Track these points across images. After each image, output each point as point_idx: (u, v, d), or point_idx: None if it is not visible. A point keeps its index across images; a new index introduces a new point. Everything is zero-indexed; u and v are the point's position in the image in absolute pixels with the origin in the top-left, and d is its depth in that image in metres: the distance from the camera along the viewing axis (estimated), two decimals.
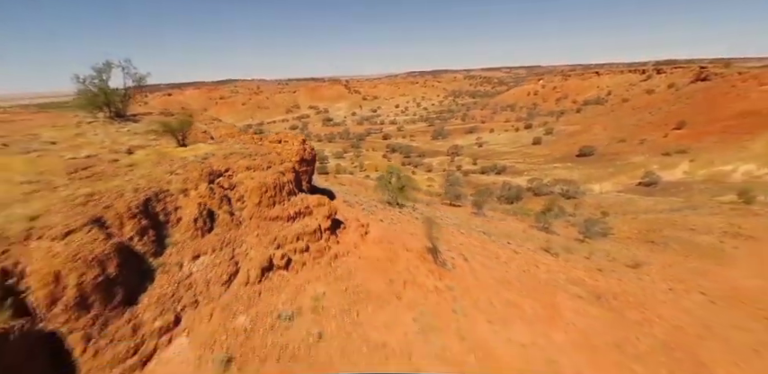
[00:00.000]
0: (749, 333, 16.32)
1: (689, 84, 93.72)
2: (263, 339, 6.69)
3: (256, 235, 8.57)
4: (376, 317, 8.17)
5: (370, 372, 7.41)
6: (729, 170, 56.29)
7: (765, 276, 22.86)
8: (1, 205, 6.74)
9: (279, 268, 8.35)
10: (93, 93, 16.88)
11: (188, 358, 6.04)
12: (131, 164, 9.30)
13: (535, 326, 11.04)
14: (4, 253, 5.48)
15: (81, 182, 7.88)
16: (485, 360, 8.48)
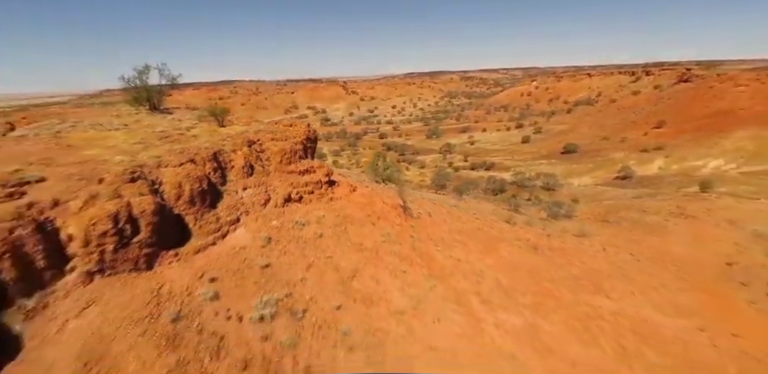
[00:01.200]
0: (655, 278, 21.32)
1: (672, 85, 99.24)
2: (288, 232, 11.50)
3: (279, 180, 13.37)
4: (356, 231, 12.99)
5: (371, 372, 8.31)
6: (700, 165, 61.39)
7: (691, 245, 27.87)
8: (132, 152, 11.55)
9: (294, 200, 13.15)
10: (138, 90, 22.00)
11: (246, 236, 10.84)
12: (195, 135, 14.12)
13: (472, 253, 15.87)
14: (151, 172, 10.28)
15: (170, 144, 12.68)
16: (426, 260, 13.30)
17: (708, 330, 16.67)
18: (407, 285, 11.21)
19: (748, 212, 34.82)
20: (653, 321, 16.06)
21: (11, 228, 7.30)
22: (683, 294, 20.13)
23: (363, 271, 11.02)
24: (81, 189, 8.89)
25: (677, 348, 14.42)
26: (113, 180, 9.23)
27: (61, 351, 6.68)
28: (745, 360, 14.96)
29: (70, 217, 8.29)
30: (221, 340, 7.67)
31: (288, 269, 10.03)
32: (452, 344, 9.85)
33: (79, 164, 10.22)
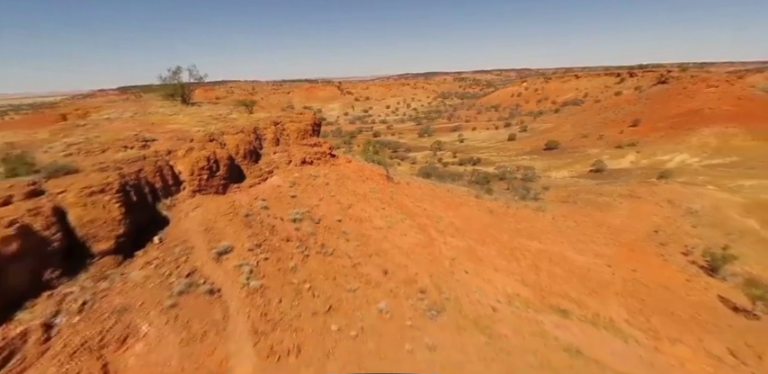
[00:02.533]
0: (587, 236, 27.59)
1: (651, 86, 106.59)
2: (305, 180, 17.50)
3: (296, 149, 19.37)
4: (351, 184, 19.02)
5: (372, 372, 8.76)
6: (667, 159, 68.15)
7: (629, 217, 34.25)
8: (199, 127, 17.46)
9: (307, 163, 19.16)
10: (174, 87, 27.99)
11: (278, 180, 16.83)
12: (235, 118, 20.09)
13: (437, 207, 21.96)
14: (218, 138, 16.22)
15: (222, 123, 18.62)
16: (399, 205, 19.32)
17: (613, 266, 22.89)
18: (385, 215, 17.25)
19: (688, 195, 41.40)
20: (570, 257, 22.23)
21: (155, 161, 13.24)
22: (606, 247, 26.37)
23: (356, 205, 17.04)
24: (181, 144, 14.83)
25: (581, 270, 20.58)
26: (199, 139, 15.18)
27: (189, 224, 12.62)
28: (631, 282, 21.18)
29: (179, 159, 14.22)
30: (272, 228, 13.65)
31: (307, 199, 16.02)
32: (412, 247, 15.90)
33: (171, 132, 16.15)
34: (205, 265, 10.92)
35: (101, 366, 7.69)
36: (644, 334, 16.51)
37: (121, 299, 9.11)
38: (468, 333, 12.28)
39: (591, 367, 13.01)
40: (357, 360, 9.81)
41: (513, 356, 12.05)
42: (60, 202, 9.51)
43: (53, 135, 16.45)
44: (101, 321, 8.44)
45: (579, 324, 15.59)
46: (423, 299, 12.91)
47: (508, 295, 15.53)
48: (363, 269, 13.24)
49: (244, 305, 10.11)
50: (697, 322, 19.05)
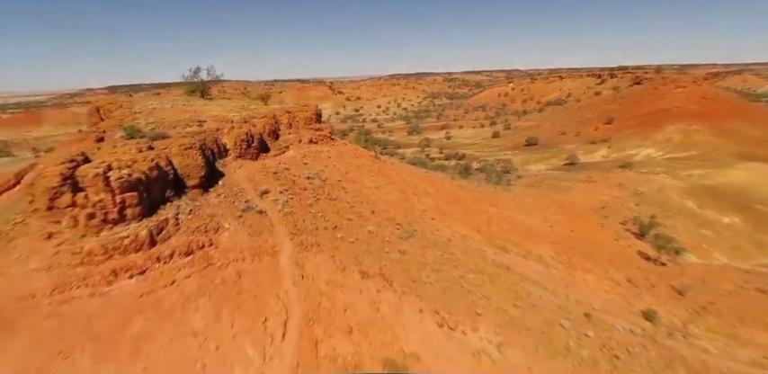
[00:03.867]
0: (540, 208, 34.07)
1: (627, 87, 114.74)
2: (313, 154, 23.70)
3: (304, 132, 25.52)
4: (347, 159, 25.26)
5: (371, 372, 9.47)
6: (634, 153, 75.54)
7: (582, 197, 40.91)
8: (233, 113, 23.51)
9: (313, 142, 25.32)
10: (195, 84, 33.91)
11: (293, 153, 23.00)
12: (255, 108, 26.18)
13: (415, 180, 28.26)
14: (246, 122, 22.33)
15: (247, 111, 24.70)
16: (385, 176, 25.55)
17: (555, 227, 29.43)
18: (373, 180, 23.50)
19: (638, 180, 48.46)
20: (520, 219, 28.70)
21: (214, 134, 19.28)
22: (554, 215, 32.94)
23: (351, 172, 23.26)
24: (225, 124, 20.88)
25: (526, 227, 27.05)
26: (237, 121, 21.28)
27: (237, 176, 18.71)
28: (565, 237, 27.72)
29: (225, 134, 20.28)
30: (293, 181, 19.79)
31: (315, 165, 22.19)
32: (393, 200, 22.16)
33: (214, 116, 22.19)
34: (254, 199, 17.05)
35: (208, 239, 13.78)
36: (563, 266, 22.99)
37: (209, 210, 15.20)
38: (428, 249, 18.57)
39: (514, 276, 19.38)
40: (354, 254, 16.01)
41: (458, 264, 18.37)
42: (168, 153, 15.55)
43: (124, 118, 22.28)
44: (202, 218, 14.54)
45: (514, 256, 21.99)
46: (398, 229, 19.17)
47: (463, 235, 21.88)
48: (357, 209, 19.44)
49: (281, 220, 16.25)
50: (610, 263, 25.64)
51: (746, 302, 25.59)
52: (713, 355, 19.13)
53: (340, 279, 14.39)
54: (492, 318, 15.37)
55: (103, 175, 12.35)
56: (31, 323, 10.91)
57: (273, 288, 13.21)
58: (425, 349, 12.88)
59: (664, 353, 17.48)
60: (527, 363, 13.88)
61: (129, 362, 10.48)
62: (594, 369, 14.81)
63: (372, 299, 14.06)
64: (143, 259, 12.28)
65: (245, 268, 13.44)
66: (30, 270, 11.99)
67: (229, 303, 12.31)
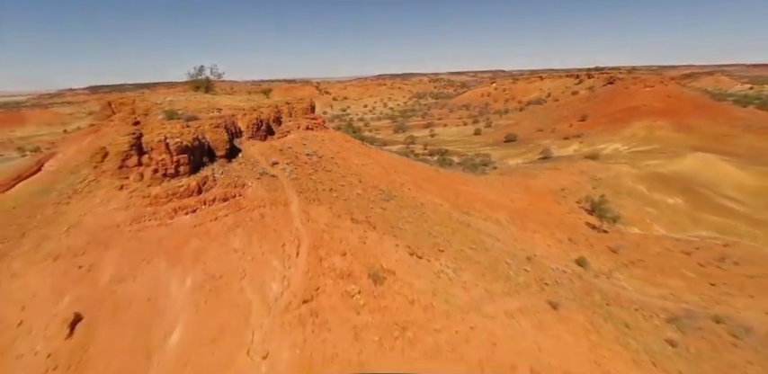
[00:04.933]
0: (507, 190, 39.67)
1: (601, 86, 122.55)
2: (310, 138, 28.85)
3: (302, 120, 30.60)
4: (339, 142, 30.48)
5: (371, 372, 10.02)
6: (603, 147, 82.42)
7: (546, 182, 46.73)
8: (242, 104, 28.46)
9: (310, 129, 30.43)
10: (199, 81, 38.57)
11: (294, 137, 28.09)
12: (259, 100, 31.15)
13: (397, 162, 33.56)
14: (255, 110, 27.34)
15: (254, 102, 29.66)
16: (372, 156, 30.75)
17: (516, 202, 35.04)
18: (361, 159, 28.71)
19: (599, 168, 54.80)
20: (486, 195, 34.24)
21: (231, 118, 24.24)
22: (517, 194, 38.64)
23: (342, 152, 28.43)
24: (238, 111, 25.84)
25: (490, 200, 32.55)
26: (248, 109, 26.26)
27: (252, 152, 23.73)
28: (523, 208, 33.30)
29: (239, 119, 25.25)
30: (296, 157, 24.88)
31: (312, 146, 27.29)
32: (377, 174, 27.41)
33: (227, 106, 27.08)
34: (266, 167, 22.09)
35: (238, 192, 18.79)
36: (516, 227, 28.54)
37: (235, 173, 20.19)
38: (404, 209, 23.87)
39: (472, 230, 24.80)
40: (346, 207, 21.16)
41: (428, 219, 23.69)
42: (202, 130, 20.49)
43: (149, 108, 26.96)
44: (231, 178, 19.52)
45: (475, 218, 27.43)
46: (381, 194, 24.42)
47: (434, 202, 27.25)
48: (348, 178, 24.62)
49: (289, 183, 21.33)
50: (558, 227, 31.34)
51: (670, 260, 31.59)
52: (628, 291, 24.88)
53: (336, 222, 19.53)
54: (451, 254, 20.72)
55: (164, 141, 17.28)
56: (119, 243, 15.77)
57: (287, 225, 18.28)
58: (399, 268, 18.10)
59: (586, 286, 23.09)
60: (475, 282, 19.23)
61: (191, 266, 15.43)
62: (526, 290, 20.25)
63: (360, 236, 19.24)
64: (194, 202, 17.23)
65: (266, 212, 18.48)
66: (111, 209, 16.80)
67: (257, 233, 17.33)
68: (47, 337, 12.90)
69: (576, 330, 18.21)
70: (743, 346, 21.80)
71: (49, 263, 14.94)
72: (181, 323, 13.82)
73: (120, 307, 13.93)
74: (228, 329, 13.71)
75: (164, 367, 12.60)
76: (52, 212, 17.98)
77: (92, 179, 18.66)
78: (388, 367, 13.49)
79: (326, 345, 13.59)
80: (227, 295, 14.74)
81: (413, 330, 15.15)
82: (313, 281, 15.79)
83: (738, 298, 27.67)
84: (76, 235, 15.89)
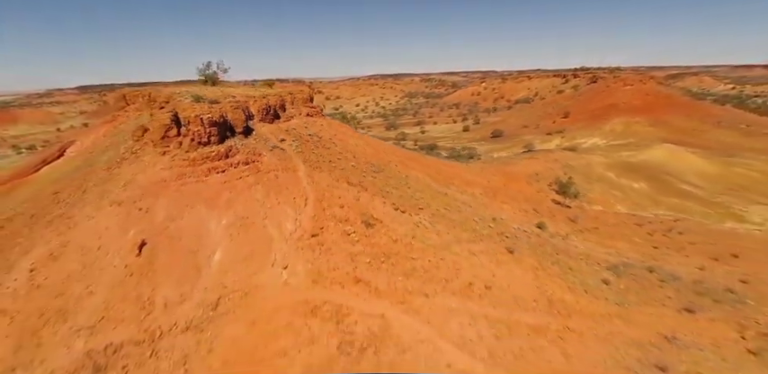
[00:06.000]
0: (487, 173, 45.01)
1: (585, 85, 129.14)
2: (312, 123, 33.86)
3: (303, 108, 35.55)
4: (336, 127, 35.54)
5: (373, 372, 10.37)
6: (583, 141, 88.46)
7: (522, 168, 52.03)
8: (251, 93, 33.35)
9: (311, 115, 35.41)
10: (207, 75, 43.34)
11: (297, 121, 33.06)
12: (265, 90, 36.07)
13: (386, 147, 38.63)
14: (264, 98, 32.28)
15: (260, 92, 34.51)
16: (364, 139, 35.79)
17: (491, 182, 40.25)
18: (355, 141, 33.77)
19: (572, 157, 60.42)
20: (465, 175, 39.39)
21: (244, 103, 29.11)
22: (494, 177, 43.91)
23: (338, 135, 33.45)
24: (250, 98, 30.75)
25: (468, 179, 37.72)
26: (257, 97, 31.18)
27: (263, 131, 28.67)
28: (496, 186, 38.50)
29: (251, 105, 30.16)
30: (300, 136, 29.89)
31: (313, 129, 32.28)
32: (370, 153, 32.47)
33: (240, 94, 31.94)
34: (276, 143, 27.04)
35: (256, 158, 23.71)
36: (488, 199, 33.72)
37: (252, 145, 25.09)
38: (391, 178, 28.95)
39: (449, 198, 29.91)
40: (343, 174, 26.14)
41: (411, 187, 28.77)
42: (224, 110, 25.34)
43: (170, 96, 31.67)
44: (249, 147, 24.44)
45: (452, 190, 32.56)
46: (372, 166, 29.46)
47: (417, 176, 32.35)
48: (344, 155, 29.61)
49: (296, 155, 26.28)
50: (525, 201, 36.63)
51: (622, 229, 37.04)
52: (578, 248, 30.14)
53: (335, 184, 24.52)
54: (428, 212, 25.81)
55: (199, 117, 22.14)
56: (167, 193, 20.57)
57: (296, 185, 23.23)
58: (385, 218, 23.13)
59: (541, 241, 28.32)
60: (446, 231, 24.32)
61: (225, 210, 20.30)
62: (488, 239, 25.38)
63: (354, 195, 24.24)
64: (223, 164, 22.10)
65: (279, 174, 23.40)
66: (158, 169, 21.59)
67: (273, 189, 22.25)
68: (121, 256, 17.67)
69: (526, 267, 23.37)
70: (667, 288, 27.11)
71: (114, 208, 19.69)
72: (220, 248, 18.69)
73: (173, 237, 18.75)
74: (256, 252, 18.60)
75: (210, 275, 17.45)
76: (106, 175, 22.70)
77: (137, 148, 23.43)
78: (376, 294, 18.36)
79: (330, 262, 18.56)
80: (253, 230, 19.64)
81: (395, 258, 20.18)
82: (318, 223, 20.75)
83: (675, 257, 33.12)
84: (132, 189, 20.66)
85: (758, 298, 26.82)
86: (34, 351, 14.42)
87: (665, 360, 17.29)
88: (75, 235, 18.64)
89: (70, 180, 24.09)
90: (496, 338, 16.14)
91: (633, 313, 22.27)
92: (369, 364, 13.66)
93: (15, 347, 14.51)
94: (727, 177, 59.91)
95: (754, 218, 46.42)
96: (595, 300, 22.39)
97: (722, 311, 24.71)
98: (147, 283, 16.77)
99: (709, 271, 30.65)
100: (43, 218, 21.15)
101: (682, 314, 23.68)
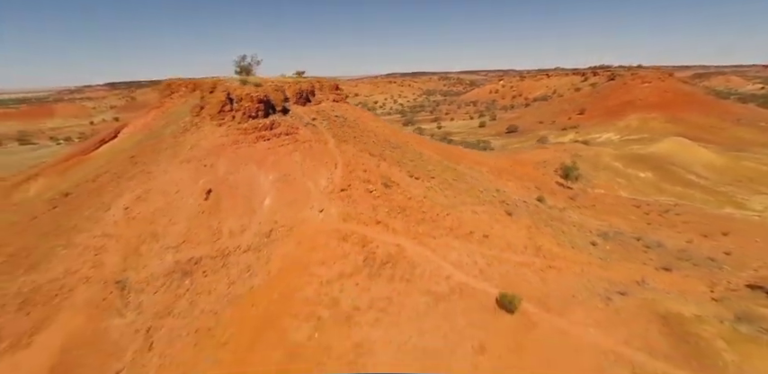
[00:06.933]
0: (496, 158, 49.32)
1: (603, 83, 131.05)
2: (337, 106, 38.93)
3: (329, 94, 40.61)
4: (359, 111, 40.50)
5: (372, 372, 10.68)
6: (597, 136, 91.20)
7: (532, 156, 55.92)
8: (285, 80, 38.59)
9: (336, 101, 40.46)
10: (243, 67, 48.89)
11: (326, 105, 38.17)
12: (298, 77, 41.31)
13: (404, 130, 43.29)
14: (297, 84, 37.48)
15: (294, 79, 39.71)
16: (381, 122, 40.54)
17: (498, 164, 44.49)
18: (375, 124, 38.65)
19: (581, 148, 63.99)
20: (476, 157, 43.76)
21: (281, 87, 34.34)
22: (503, 160, 48.08)
23: (361, 118, 38.37)
24: (286, 84, 35.94)
25: (477, 159, 42.07)
26: (291, 83, 36.38)
27: (297, 111, 33.82)
28: (503, 167, 42.76)
29: (287, 89, 35.34)
30: (329, 117, 34.96)
31: (339, 111, 37.31)
32: (388, 133, 37.30)
33: (278, 80, 37.19)
34: (309, 121, 32.12)
35: (294, 131, 28.80)
36: (493, 176, 38.03)
37: (289, 122, 30.22)
38: (407, 153, 33.67)
39: (457, 172, 34.37)
40: (366, 147, 31.00)
41: (425, 161, 33.40)
42: (266, 91, 30.52)
43: (217, 81, 37.08)
44: (288, 122, 29.59)
45: (462, 167, 37.01)
46: (390, 143, 34.26)
47: (430, 155, 36.97)
48: (366, 133, 34.49)
49: (326, 131, 31.29)
50: (529, 180, 40.75)
51: (619, 208, 40.80)
52: (572, 218, 34.20)
53: (359, 154, 29.38)
54: (439, 180, 30.42)
55: (249, 95, 27.34)
56: (225, 155, 25.77)
57: (328, 153, 28.18)
58: (401, 181, 27.84)
59: (539, 210, 32.54)
60: (454, 195, 28.86)
61: (271, 169, 25.37)
62: (490, 203, 29.78)
63: (376, 164, 29.05)
64: (268, 134, 27.22)
65: (313, 145, 28.40)
66: (216, 137, 26.83)
67: (309, 155, 27.24)
68: (194, 198, 22.89)
69: (521, 226, 27.74)
70: (651, 253, 31.01)
71: (184, 165, 25.00)
72: (269, 196, 23.75)
73: (232, 186, 23.90)
74: (298, 199, 23.59)
75: (263, 214, 22.51)
76: (173, 141, 28.10)
77: (197, 121, 28.78)
78: (393, 232, 23.06)
79: (356, 209, 23.40)
80: (294, 184, 24.65)
81: (409, 211, 24.88)
82: (346, 181, 25.64)
83: (666, 232, 36.78)
84: (197, 151, 25.96)
85: (737, 265, 30.51)
86: (137, 260, 19.69)
87: (628, 290, 21.43)
88: (156, 184, 23.99)
89: (141, 147, 29.64)
90: (488, 265, 20.64)
91: (612, 265, 26.41)
92: (387, 273, 18.39)
93: (123, 257, 19.82)
94: (734, 169, 62.34)
95: (755, 206, 49.25)
96: (579, 253, 26.60)
97: (698, 272, 28.53)
98: (215, 218, 21.93)
99: (695, 244, 34.31)
100: (125, 174, 26.64)
101: (659, 271, 27.65)
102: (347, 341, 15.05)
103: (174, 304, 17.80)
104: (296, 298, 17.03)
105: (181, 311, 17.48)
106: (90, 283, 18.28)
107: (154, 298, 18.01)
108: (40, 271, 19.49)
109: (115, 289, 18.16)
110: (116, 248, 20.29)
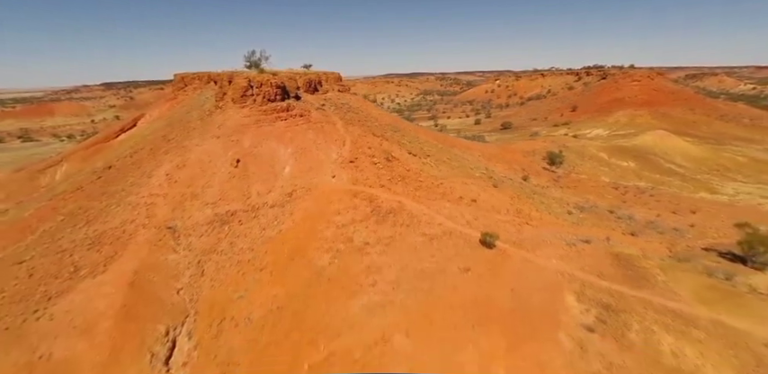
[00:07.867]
0: (487, 147, 54.10)
1: (595, 82, 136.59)
2: (342, 95, 43.54)
3: (334, 86, 45.22)
4: (361, 101, 45.07)
5: (371, 372, 10.57)
6: (587, 132, 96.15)
7: (525, 145, 60.76)
8: (293, 74, 43.15)
9: (341, 91, 45.05)
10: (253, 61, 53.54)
11: (332, 95, 42.78)
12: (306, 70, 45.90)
13: (400, 119, 47.93)
14: (306, 75, 42.08)
15: (303, 71, 44.27)
16: (383, 112, 45.08)
17: (489, 150, 49.16)
18: (377, 112, 43.27)
19: (569, 140, 68.86)
20: (467, 144, 48.41)
21: (294, 78, 38.89)
22: (497, 149, 52.71)
23: (363, 105, 42.98)
24: (297, 75, 40.52)
25: (469, 146, 46.74)
26: (301, 74, 40.97)
27: (307, 98, 38.39)
28: (493, 153, 47.43)
29: (297, 80, 39.91)
30: (334, 103, 39.51)
31: (345, 99, 41.89)
32: (388, 119, 41.92)
33: (289, 72, 41.74)
34: (319, 106, 36.67)
35: (307, 113, 33.32)
36: (484, 159, 42.62)
37: (303, 106, 34.79)
38: (406, 136, 38.27)
39: (452, 153, 38.96)
40: (370, 129, 35.58)
41: (422, 142, 38.00)
42: (282, 78, 35.08)
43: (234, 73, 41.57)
44: (301, 106, 34.18)
45: (456, 150, 41.60)
46: (390, 127, 38.84)
47: (427, 139, 41.58)
48: (369, 118, 39.06)
49: (335, 114, 35.85)
50: (517, 164, 45.40)
51: (598, 189, 45.49)
52: (553, 194, 38.82)
53: (364, 134, 33.92)
54: (434, 158, 35.00)
55: (268, 80, 31.86)
56: (249, 131, 30.27)
57: (337, 132, 32.71)
58: (401, 157, 32.38)
59: (523, 186, 37.12)
60: (447, 171, 33.42)
61: (289, 143, 29.86)
62: (479, 178, 34.32)
63: (378, 142, 33.58)
64: (285, 115, 31.73)
65: (324, 125, 32.92)
66: (240, 117, 31.29)
67: (321, 134, 31.74)
68: (225, 166, 27.34)
69: (505, 195, 32.33)
70: (621, 222, 35.63)
71: (215, 140, 29.45)
72: (288, 165, 28.23)
73: (257, 157, 28.36)
74: (314, 168, 28.08)
75: (285, 179, 26.97)
76: (201, 123, 32.55)
77: (221, 105, 33.29)
78: (394, 193, 27.56)
79: (363, 176, 27.93)
80: (310, 156, 29.14)
81: (407, 179, 29.42)
82: (353, 154, 30.17)
83: (639, 209, 41.44)
84: (225, 129, 30.42)
85: (698, 234, 35.15)
86: (182, 212, 24.11)
87: (591, 238, 25.98)
88: (191, 155, 28.42)
89: (171, 128, 34.07)
90: (474, 218, 25.17)
91: (583, 228, 30.98)
92: (390, 220, 22.87)
93: (171, 209, 24.24)
94: (713, 160, 67.41)
95: (727, 191, 54.08)
96: (555, 218, 31.22)
97: (661, 238, 33.13)
98: (245, 182, 26.38)
99: (663, 218, 38.95)
100: (159, 150, 31.05)
101: (625, 235, 32.23)
102: (360, 264, 19.48)
103: (217, 244, 22.21)
104: (318, 237, 21.46)
105: (223, 249, 21.89)
106: (147, 228, 22.67)
107: (200, 239, 22.42)
108: (100, 223, 23.87)
109: (168, 232, 22.55)
110: (164, 203, 24.70)
